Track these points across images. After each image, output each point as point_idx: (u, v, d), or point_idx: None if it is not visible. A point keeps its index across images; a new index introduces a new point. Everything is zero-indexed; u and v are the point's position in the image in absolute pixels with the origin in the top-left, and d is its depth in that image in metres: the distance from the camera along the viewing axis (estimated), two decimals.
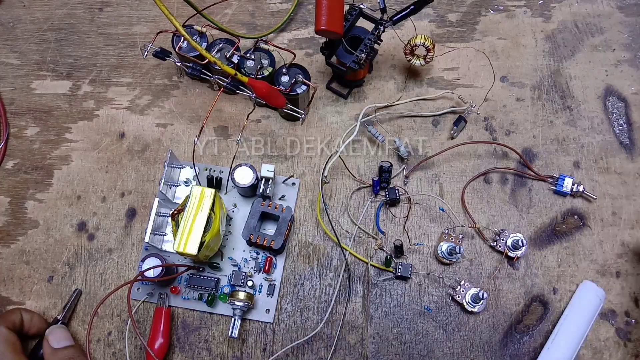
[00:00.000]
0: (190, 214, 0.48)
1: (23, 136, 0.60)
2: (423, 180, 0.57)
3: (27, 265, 0.55)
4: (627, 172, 0.57)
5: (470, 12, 0.64)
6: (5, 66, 0.63)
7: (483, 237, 0.54)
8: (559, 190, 0.56)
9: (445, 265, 0.54)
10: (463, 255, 0.53)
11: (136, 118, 0.60)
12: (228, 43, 0.57)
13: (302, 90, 0.55)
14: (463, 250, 0.53)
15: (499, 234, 0.54)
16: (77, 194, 0.58)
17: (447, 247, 0.53)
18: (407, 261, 0.54)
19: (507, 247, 0.53)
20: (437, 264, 0.54)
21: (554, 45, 0.62)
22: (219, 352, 0.52)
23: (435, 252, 0.54)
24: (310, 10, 0.65)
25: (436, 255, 0.54)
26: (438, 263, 0.54)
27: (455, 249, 0.52)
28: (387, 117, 0.59)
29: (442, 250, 0.53)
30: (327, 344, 0.52)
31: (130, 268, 0.55)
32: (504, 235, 0.53)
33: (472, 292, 0.52)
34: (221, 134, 0.59)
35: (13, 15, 0.65)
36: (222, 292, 0.53)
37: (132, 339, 0.52)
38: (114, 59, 0.63)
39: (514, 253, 0.52)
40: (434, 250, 0.54)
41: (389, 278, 0.54)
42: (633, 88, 0.60)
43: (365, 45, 0.53)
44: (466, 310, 0.52)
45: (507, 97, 0.60)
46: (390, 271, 0.54)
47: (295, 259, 0.55)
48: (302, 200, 0.57)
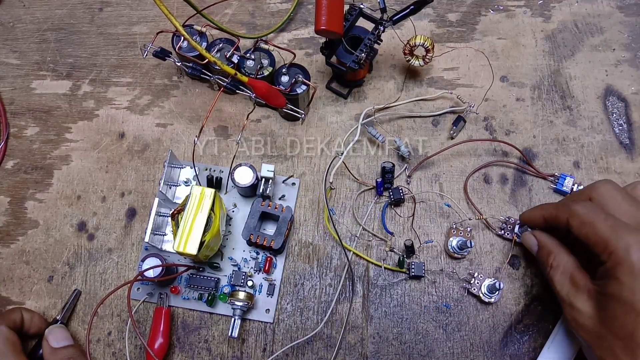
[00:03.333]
0: (190, 213, 0.48)
1: (23, 136, 0.60)
2: (423, 180, 0.57)
3: (27, 265, 0.55)
4: (627, 172, 0.57)
5: (470, 12, 0.64)
6: (5, 66, 0.63)
7: (490, 227, 0.55)
8: (559, 189, 0.56)
9: (456, 259, 0.54)
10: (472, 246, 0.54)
11: (136, 118, 0.60)
12: (228, 43, 0.57)
13: (302, 90, 0.55)
14: (474, 243, 0.54)
15: (506, 222, 0.54)
16: (77, 194, 0.58)
17: (457, 242, 0.53)
18: (418, 260, 0.54)
19: (515, 234, 0.54)
20: (448, 259, 0.54)
21: (554, 45, 0.62)
22: (219, 352, 0.52)
23: (445, 248, 0.54)
24: (310, 10, 0.65)
25: (447, 251, 0.54)
26: (449, 258, 0.54)
27: (466, 243, 0.52)
28: (387, 117, 0.59)
29: (453, 245, 0.53)
30: (327, 344, 0.52)
31: (130, 268, 0.55)
32: (510, 222, 0.54)
33: (487, 283, 0.52)
34: (221, 134, 0.59)
35: (13, 15, 0.65)
36: (222, 292, 0.53)
37: (132, 339, 0.52)
38: (114, 59, 0.63)
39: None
40: (443, 246, 0.54)
41: (404, 279, 0.54)
42: (633, 88, 0.60)
43: (365, 45, 0.53)
44: (483, 302, 0.52)
45: (507, 97, 0.60)
46: (404, 272, 0.54)
47: (295, 259, 0.55)
48: (302, 200, 0.57)
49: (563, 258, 0.45)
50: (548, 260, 0.46)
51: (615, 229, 0.39)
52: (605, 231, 0.40)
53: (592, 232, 0.41)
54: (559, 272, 0.44)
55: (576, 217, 0.42)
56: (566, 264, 0.44)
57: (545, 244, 0.47)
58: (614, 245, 0.39)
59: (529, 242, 0.49)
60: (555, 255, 0.45)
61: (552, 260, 0.45)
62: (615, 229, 0.39)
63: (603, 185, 0.45)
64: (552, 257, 0.45)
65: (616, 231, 0.39)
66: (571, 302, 0.42)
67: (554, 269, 0.45)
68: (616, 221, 0.40)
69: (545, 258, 0.46)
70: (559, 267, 0.45)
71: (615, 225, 0.40)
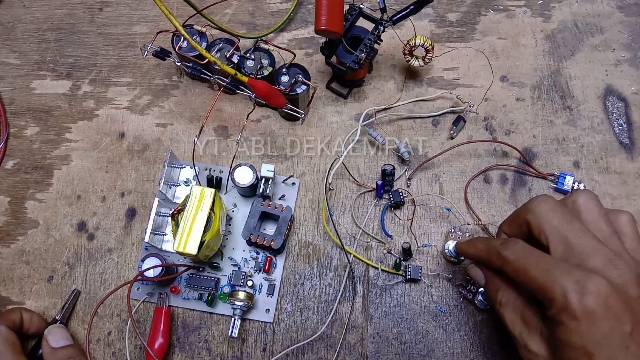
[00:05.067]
0: (190, 213, 0.48)
1: (23, 136, 0.60)
2: (423, 181, 0.57)
3: (27, 265, 0.55)
4: (627, 172, 0.57)
5: (470, 12, 0.64)
6: (5, 66, 0.63)
7: (489, 234, 0.55)
8: (559, 187, 0.56)
9: (453, 264, 0.54)
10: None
11: (136, 118, 0.60)
12: (228, 43, 0.57)
13: (302, 90, 0.55)
14: None
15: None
16: (77, 194, 0.58)
17: (454, 246, 0.53)
18: (415, 263, 0.54)
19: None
20: (445, 263, 0.54)
21: (553, 45, 0.62)
22: (219, 352, 0.52)
23: (442, 252, 0.54)
24: (310, 10, 0.65)
25: (444, 255, 0.54)
26: (446, 262, 0.54)
27: None
28: (386, 117, 0.59)
29: (450, 249, 0.53)
30: (327, 344, 0.52)
31: (130, 268, 0.55)
32: None
33: (482, 290, 0.52)
34: (221, 133, 0.59)
35: (13, 15, 0.65)
36: (222, 292, 0.53)
37: (132, 338, 0.52)
38: (113, 59, 0.63)
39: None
40: (441, 249, 0.54)
41: (400, 281, 0.54)
42: (633, 88, 0.60)
43: (365, 45, 0.53)
44: (478, 309, 0.52)
45: (507, 97, 0.60)
46: (400, 274, 0.54)
47: (295, 258, 0.55)
48: (302, 200, 0.57)
49: (512, 294, 0.42)
50: (497, 296, 0.43)
51: (549, 273, 0.37)
52: (540, 277, 0.37)
53: (527, 279, 0.38)
54: (509, 309, 0.42)
55: (508, 264, 0.40)
56: (515, 300, 0.42)
57: (492, 278, 0.44)
58: (551, 291, 0.36)
59: (476, 275, 0.47)
60: (503, 290, 0.43)
61: (500, 296, 0.43)
62: (550, 273, 0.37)
63: (538, 206, 0.42)
64: (501, 294, 0.43)
65: (551, 276, 0.37)
66: (526, 345, 0.40)
67: (504, 305, 0.42)
68: (549, 263, 0.38)
69: (493, 294, 0.43)
70: (508, 304, 0.42)
71: (548, 268, 0.37)
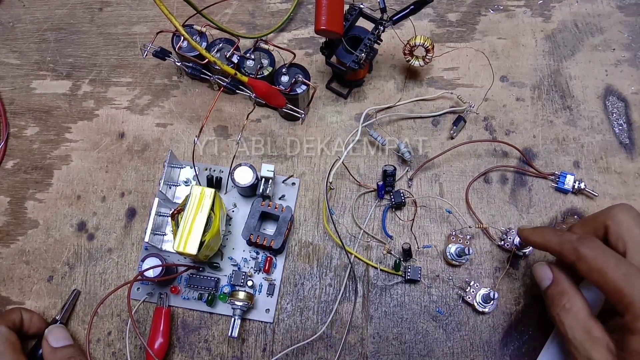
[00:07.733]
0: (190, 213, 0.48)
1: (23, 136, 0.60)
2: (423, 181, 0.57)
3: (27, 265, 0.55)
4: (627, 171, 0.57)
5: (470, 11, 0.64)
6: (5, 66, 0.63)
7: (491, 237, 0.54)
8: (560, 187, 0.56)
9: (453, 267, 0.54)
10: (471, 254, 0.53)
11: (136, 118, 0.60)
12: (228, 43, 0.57)
13: (302, 90, 0.55)
14: (473, 251, 0.53)
15: (506, 233, 0.54)
16: (77, 194, 0.58)
17: (455, 249, 0.53)
18: (415, 264, 0.54)
19: (515, 246, 0.53)
20: (445, 265, 0.54)
21: (553, 45, 0.62)
22: (219, 352, 0.52)
23: (443, 254, 0.54)
24: (310, 10, 0.65)
25: (444, 257, 0.54)
26: (446, 265, 0.54)
27: (465, 250, 0.52)
28: (386, 117, 0.59)
29: (451, 252, 0.53)
30: (327, 344, 0.52)
31: (130, 268, 0.55)
32: (511, 234, 0.53)
33: (482, 293, 0.52)
34: (221, 133, 0.59)
35: (13, 15, 0.65)
36: (222, 292, 0.53)
37: (132, 338, 0.52)
38: (113, 59, 0.63)
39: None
40: (442, 251, 0.54)
41: (399, 282, 0.54)
42: (633, 88, 0.60)
43: (365, 45, 0.53)
44: (477, 311, 0.52)
45: (507, 97, 0.60)
46: (399, 275, 0.54)
47: (295, 258, 0.55)
48: (302, 200, 0.57)
49: (577, 302, 0.41)
50: (561, 300, 0.42)
51: (629, 278, 0.36)
52: (618, 280, 0.36)
53: (603, 280, 0.37)
54: (571, 316, 0.40)
55: (584, 261, 0.39)
56: (580, 309, 0.40)
57: (561, 282, 0.43)
58: (629, 297, 0.35)
59: (542, 275, 0.45)
60: (570, 297, 0.41)
61: (565, 301, 0.41)
62: (630, 278, 0.36)
63: (621, 213, 0.41)
64: (566, 299, 0.41)
65: (630, 280, 0.36)
66: (589, 356, 0.38)
67: (567, 311, 0.41)
68: (629, 268, 0.37)
69: (558, 298, 0.42)
70: (571, 311, 0.41)
71: (628, 273, 0.36)
